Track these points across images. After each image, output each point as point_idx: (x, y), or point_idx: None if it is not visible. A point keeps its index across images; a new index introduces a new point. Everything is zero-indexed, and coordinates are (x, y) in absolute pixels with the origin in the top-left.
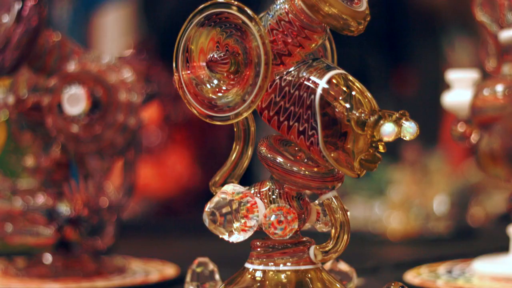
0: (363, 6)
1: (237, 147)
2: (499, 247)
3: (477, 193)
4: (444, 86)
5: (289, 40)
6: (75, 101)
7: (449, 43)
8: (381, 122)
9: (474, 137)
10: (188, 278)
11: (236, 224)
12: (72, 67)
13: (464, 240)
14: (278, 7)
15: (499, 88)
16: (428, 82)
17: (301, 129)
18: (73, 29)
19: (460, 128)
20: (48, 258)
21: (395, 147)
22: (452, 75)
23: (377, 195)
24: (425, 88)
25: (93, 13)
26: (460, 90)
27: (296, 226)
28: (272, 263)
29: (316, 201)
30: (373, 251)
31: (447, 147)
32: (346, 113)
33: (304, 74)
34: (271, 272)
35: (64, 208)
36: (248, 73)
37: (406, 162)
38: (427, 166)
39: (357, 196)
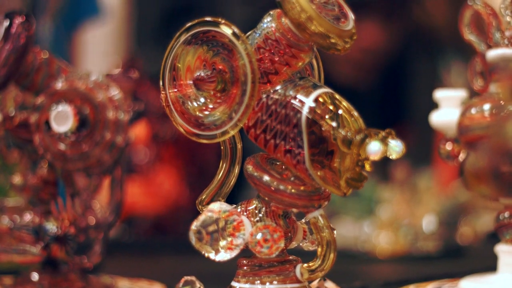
0: (350, 25)
1: (224, 165)
2: (487, 267)
3: (466, 212)
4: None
5: (276, 59)
6: (62, 119)
7: (445, 66)
8: (367, 140)
9: (461, 156)
10: None
11: (222, 243)
12: (59, 85)
13: (453, 259)
14: (265, 25)
15: (486, 106)
16: (422, 102)
17: (287, 147)
18: (55, 46)
19: (448, 146)
20: (35, 276)
21: (385, 166)
22: (440, 94)
23: (366, 214)
24: (418, 107)
25: (75, 31)
26: (447, 108)
27: (283, 245)
28: (258, 282)
29: (303, 220)
30: (361, 270)
31: (437, 166)
32: (332, 132)
33: (291, 93)
34: None
35: (51, 226)
36: (235, 91)
37: (396, 181)
38: (417, 185)
39: (346, 215)
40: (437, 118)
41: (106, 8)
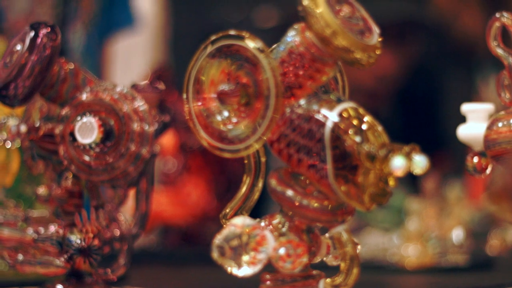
0: (374, 39)
1: (248, 179)
2: None
3: (496, 224)
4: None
5: (300, 73)
6: (87, 130)
7: (483, 79)
8: (391, 156)
9: (489, 170)
10: None
11: (245, 257)
12: (84, 96)
13: (482, 271)
14: (289, 39)
15: None
16: (457, 114)
17: (311, 162)
18: (87, 55)
19: (475, 160)
20: None
21: (415, 178)
22: (467, 107)
23: (395, 226)
24: (453, 119)
25: (108, 40)
26: (474, 122)
27: (306, 260)
28: None
29: (327, 234)
30: (390, 281)
31: (468, 178)
32: (356, 147)
33: (315, 107)
34: None
35: (75, 238)
36: (258, 105)
37: (426, 193)
38: (447, 197)
39: (375, 227)
40: (464, 132)
41: (141, 18)
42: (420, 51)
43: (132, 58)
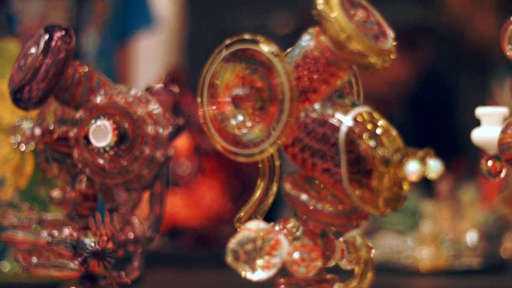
0: (389, 43)
1: (262, 183)
2: None
3: (510, 226)
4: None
5: (315, 77)
6: (101, 133)
7: (497, 82)
8: (406, 160)
9: (503, 174)
10: None
11: (259, 261)
12: (99, 99)
13: (496, 273)
14: (304, 43)
15: None
16: (471, 118)
17: (325, 166)
18: (102, 57)
19: (489, 164)
20: None
21: (429, 180)
22: (481, 111)
23: (410, 229)
24: (467, 123)
25: (125, 41)
26: (489, 126)
27: (320, 264)
28: None
29: (341, 238)
30: (404, 283)
31: (481, 181)
32: (370, 151)
33: (329, 111)
34: None
35: (89, 241)
36: (273, 109)
37: (440, 196)
38: (461, 199)
39: (390, 229)
40: (478, 135)
41: (159, 18)
42: (432, 55)
43: (148, 59)
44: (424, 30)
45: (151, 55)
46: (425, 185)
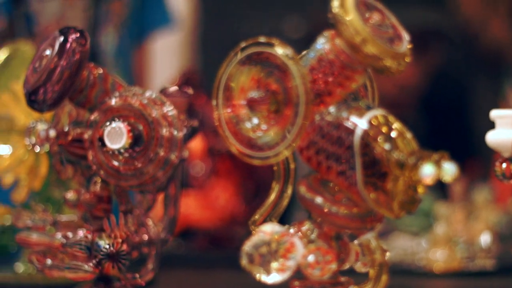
0: (404, 46)
1: (277, 186)
2: None
3: None
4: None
5: (330, 80)
6: (116, 135)
7: (511, 85)
8: (420, 163)
9: None
10: None
11: (274, 264)
12: (113, 101)
13: (510, 274)
14: (319, 47)
15: None
16: (485, 120)
17: (340, 169)
18: (119, 57)
19: (503, 166)
20: None
21: (443, 182)
22: (495, 113)
23: (424, 231)
24: (481, 124)
25: (143, 41)
26: (503, 128)
27: (335, 267)
28: None
29: (355, 241)
30: (417, 284)
31: (495, 182)
32: (385, 154)
33: (344, 114)
34: None
35: (104, 243)
36: (288, 112)
37: (454, 198)
38: (475, 201)
39: (404, 231)
40: (492, 138)
41: (177, 18)
42: (445, 59)
43: (164, 59)
44: (436, 34)
45: (166, 55)
46: (439, 187)
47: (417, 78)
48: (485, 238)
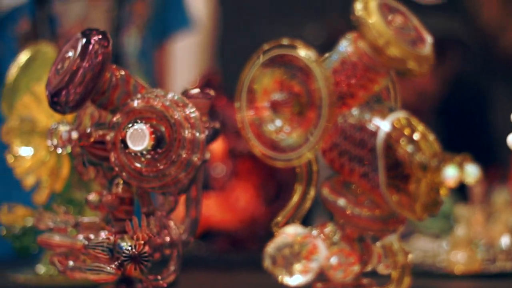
0: (427, 49)
1: (300, 188)
2: None
3: None
4: None
5: (353, 82)
6: (138, 137)
7: None
8: (443, 166)
9: None
10: None
11: (297, 266)
12: (136, 103)
13: None
14: (342, 49)
15: None
16: (502, 124)
17: (363, 171)
18: (142, 58)
19: None
20: None
21: (463, 184)
22: None
23: (444, 233)
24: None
25: (164, 42)
26: None
27: (357, 269)
28: None
29: (378, 243)
30: (437, 285)
31: None
32: (408, 156)
33: (367, 117)
34: None
35: (126, 245)
36: (311, 115)
37: (474, 200)
38: (494, 202)
39: (424, 233)
40: None
41: (197, 20)
42: (463, 65)
43: (184, 61)
44: (454, 41)
45: (186, 57)
46: (459, 189)
47: (435, 84)
48: (505, 240)
